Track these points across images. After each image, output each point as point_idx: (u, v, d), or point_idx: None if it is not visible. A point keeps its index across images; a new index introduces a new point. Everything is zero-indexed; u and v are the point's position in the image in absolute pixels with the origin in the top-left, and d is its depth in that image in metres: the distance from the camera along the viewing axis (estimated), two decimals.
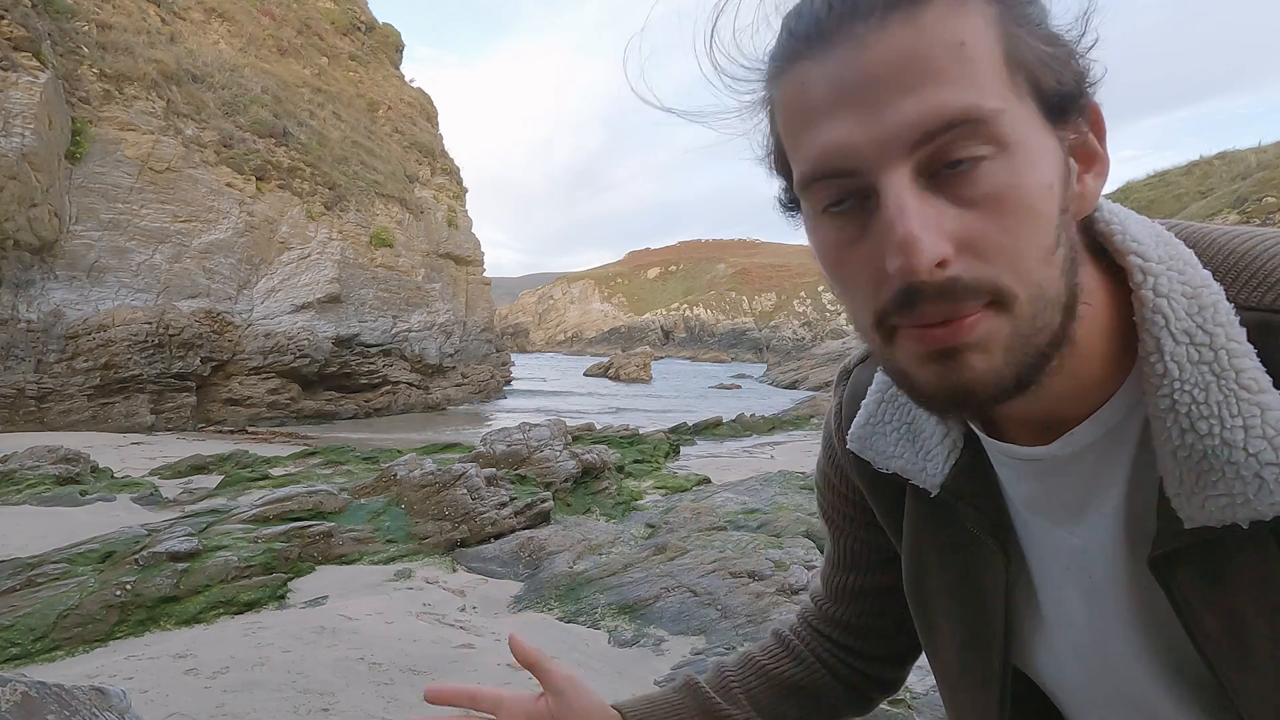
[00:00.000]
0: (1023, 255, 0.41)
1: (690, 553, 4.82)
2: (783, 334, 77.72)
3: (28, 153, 13.14)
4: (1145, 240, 0.47)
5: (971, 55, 0.40)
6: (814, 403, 20.84)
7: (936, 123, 0.40)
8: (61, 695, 1.52)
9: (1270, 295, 0.45)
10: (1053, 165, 0.42)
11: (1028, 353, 0.43)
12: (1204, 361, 0.44)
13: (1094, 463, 0.51)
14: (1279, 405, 0.43)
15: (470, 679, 3.11)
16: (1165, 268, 0.46)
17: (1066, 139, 0.44)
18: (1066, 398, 0.49)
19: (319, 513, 5.39)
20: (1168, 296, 0.45)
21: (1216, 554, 0.46)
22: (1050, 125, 0.43)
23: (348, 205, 20.28)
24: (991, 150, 0.40)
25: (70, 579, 4.01)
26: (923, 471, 0.59)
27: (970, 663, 0.62)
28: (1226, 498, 0.43)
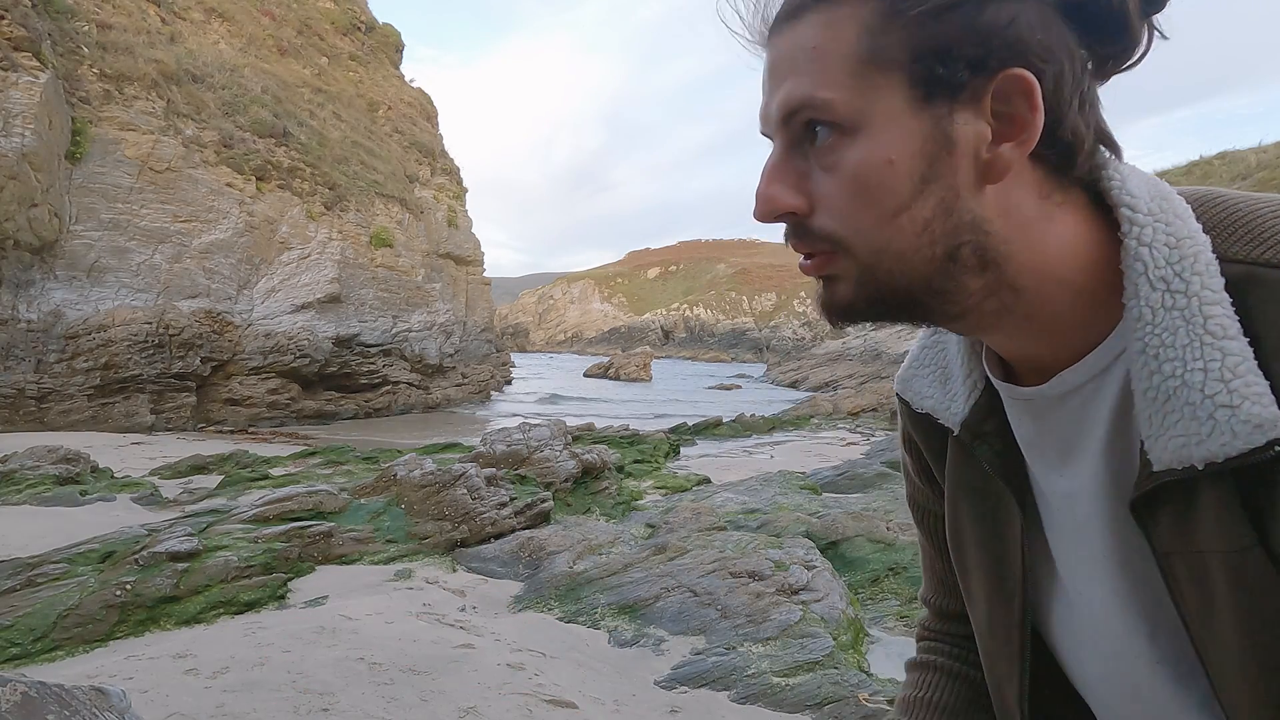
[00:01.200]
0: (857, 216, 0.50)
1: (690, 553, 4.82)
2: (783, 334, 77.69)
3: (28, 153, 13.14)
4: (1139, 194, 0.50)
5: (821, 55, 0.49)
6: (814, 402, 20.83)
7: (785, 108, 0.51)
8: (61, 695, 1.52)
9: (1258, 249, 0.47)
10: (902, 143, 0.48)
11: (877, 289, 0.52)
12: (1176, 308, 0.47)
13: (1081, 405, 0.54)
14: (1240, 352, 0.45)
15: (470, 679, 3.11)
16: (1153, 219, 0.49)
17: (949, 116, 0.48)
18: (1056, 339, 0.53)
19: (319, 513, 5.38)
20: (1150, 245, 0.49)
21: (1187, 499, 0.47)
22: (923, 107, 0.48)
23: (348, 205, 20.27)
24: (831, 130, 0.50)
25: (70, 579, 4.01)
26: (948, 410, 0.65)
27: (995, 614, 0.64)
28: (1183, 438, 0.46)
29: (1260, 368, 0.45)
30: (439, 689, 2.97)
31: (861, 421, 17.81)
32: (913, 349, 0.71)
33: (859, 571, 5.09)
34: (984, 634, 0.67)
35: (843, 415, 18.64)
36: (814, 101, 0.49)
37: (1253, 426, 0.44)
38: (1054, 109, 0.48)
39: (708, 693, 3.34)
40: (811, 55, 0.50)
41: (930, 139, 0.48)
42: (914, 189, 0.49)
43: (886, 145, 0.48)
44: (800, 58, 0.50)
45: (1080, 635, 0.59)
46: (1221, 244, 0.48)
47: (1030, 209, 0.50)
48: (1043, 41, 0.47)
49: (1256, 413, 0.44)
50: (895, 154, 0.48)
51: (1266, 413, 0.43)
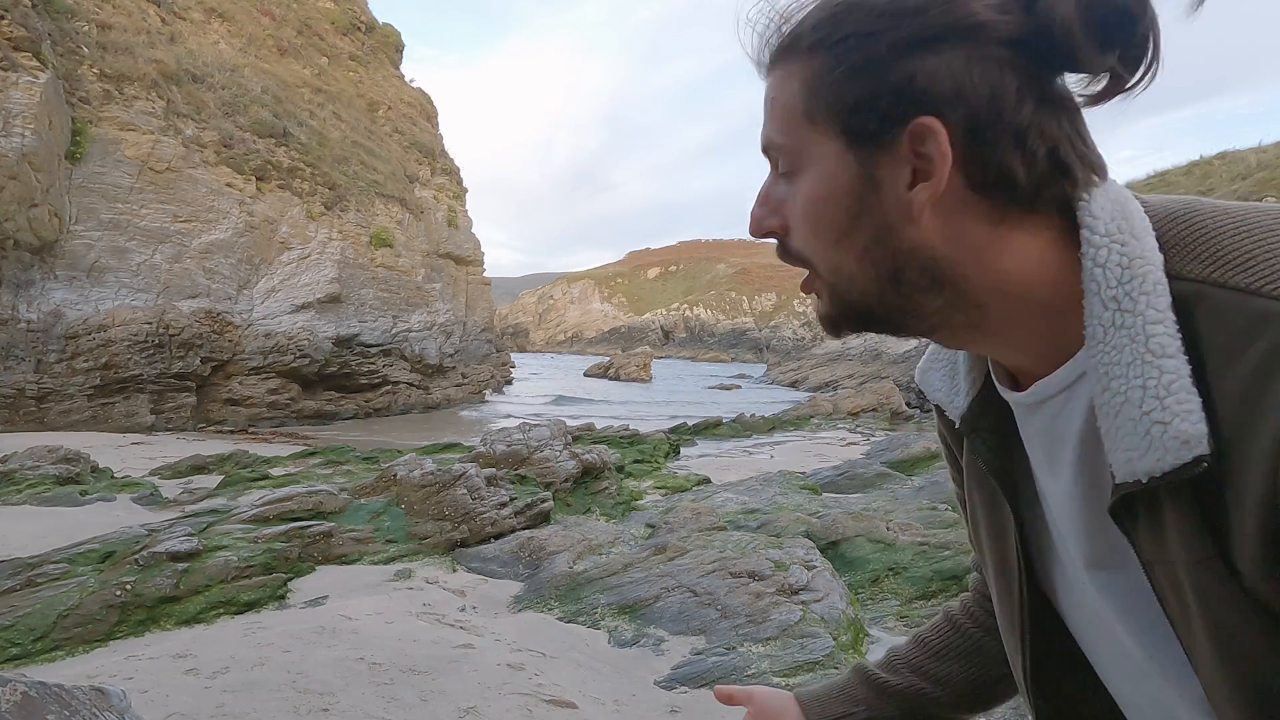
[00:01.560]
0: (811, 241, 0.58)
1: (690, 553, 4.82)
2: (783, 334, 77.70)
3: (28, 153, 13.14)
4: (1101, 215, 0.53)
5: (776, 106, 0.58)
6: (814, 402, 20.82)
7: (762, 144, 0.60)
8: (61, 695, 1.52)
9: (1209, 268, 0.49)
10: (836, 182, 0.55)
11: (839, 305, 0.59)
12: (1125, 326, 0.50)
13: (1054, 415, 0.57)
14: (1176, 370, 0.47)
15: (470, 679, 3.11)
16: (1109, 240, 0.52)
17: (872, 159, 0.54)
18: (1034, 351, 0.57)
19: (319, 513, 5.39)
20: (1104, 266, 0.51)
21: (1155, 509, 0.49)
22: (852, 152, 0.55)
23: (348, 205, 20.28)
24: (790, 169, 0.58)
25: (70, 579, 4.01)
26: (952, 403, 0.70)
27: (1002, 596, 0.69)
28: (1129, 453, 0.49)
29: (1200, 384, 0.47)
30: (439, 689, 2.97)
31: (861, 421, 17.81)
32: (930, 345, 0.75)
33: (859, 571, 5.09)
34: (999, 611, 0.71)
35: (843, 415, 18.64)
36: (773, 144, 0.58)
37: (1180, 443, 0.46)
38: (975, 148, 0.52)
39: (708, 693, 3.34)
40: (771, 104, 0.58)
41: (857, 179, 0.55)
42: (849, 221, 0.56)
43: (821, 184, 0.56)
44: (767, 104, 0.59)
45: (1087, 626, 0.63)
46: (1175, 262, 0.50)
47: (980, 235, 0.54)
48: (954, 89, 0.51)
49: (1185, 429, 0.46)
50: (828, 192, 0.56)
51: (1194, 430, 0.46)
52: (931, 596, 4.66)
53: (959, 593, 4.61)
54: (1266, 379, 0.43)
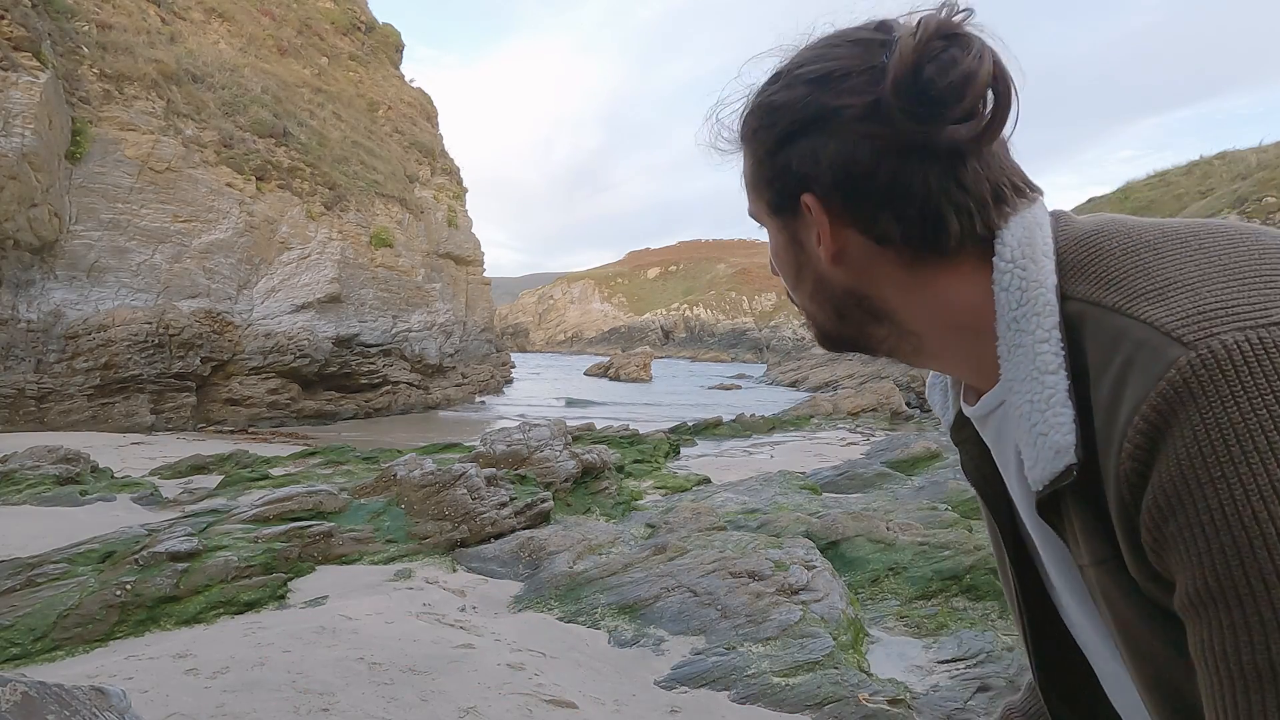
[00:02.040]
0: (787, 282, 0.68)
1: (690, 553, 4.82)
2: (783, 334, 77.68)
3: (28, 153, 13.14)
4: (1009, 242, 0.57)
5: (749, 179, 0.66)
6: (814, 402, 20.82)
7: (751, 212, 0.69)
8: (61, 695, 1.52)
9: (1093, 289, 0.52)
10: (778, 240, 0.66)
11: (818, 332, 0.69)
12: (1021, 345, 0.54)
13: (997, 425, 0.62)
14: (1055, 385, 0.51)
15: (470, 679, 3.11)
16: (1012, 266, 0.56)
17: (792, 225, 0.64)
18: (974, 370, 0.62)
19: (319, 513, 5.39)
20: (1006, 290, 0.56)
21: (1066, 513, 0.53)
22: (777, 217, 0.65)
23: (348, 205, 20.27)
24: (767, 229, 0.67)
25: (70, 579, 4.01)
26: (945, 417, 0.75)
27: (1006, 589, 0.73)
28: (1030, 462, 0.53)
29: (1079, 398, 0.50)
30: (439, 689, 2.97)
31: (861, 421, 17.80)
32: None
33: (859, 571, 5.09)
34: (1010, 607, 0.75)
35: (843, 415, 18.63)
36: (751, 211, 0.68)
37: (1054, 453, 0.50)
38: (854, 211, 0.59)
39: (708, 693, 3.34)
40: (749, 178, 0.66)
41: (789, 241, 0.65)
42: (795, 271, 0.66)
43: (772, 244, 0.68)
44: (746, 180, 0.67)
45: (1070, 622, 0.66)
46: (1069, 284, 0.54)
47: (901, 277, 0.61)
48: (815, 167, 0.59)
49: (1057, 440, 0.50)
50: (776, 249, 0.67)
51: (1064, 440, 0.49)
52: (931, 596, 4.66)
53: (959, 592, 4.62)
54: (1118, 392, 0.47)
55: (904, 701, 3.17)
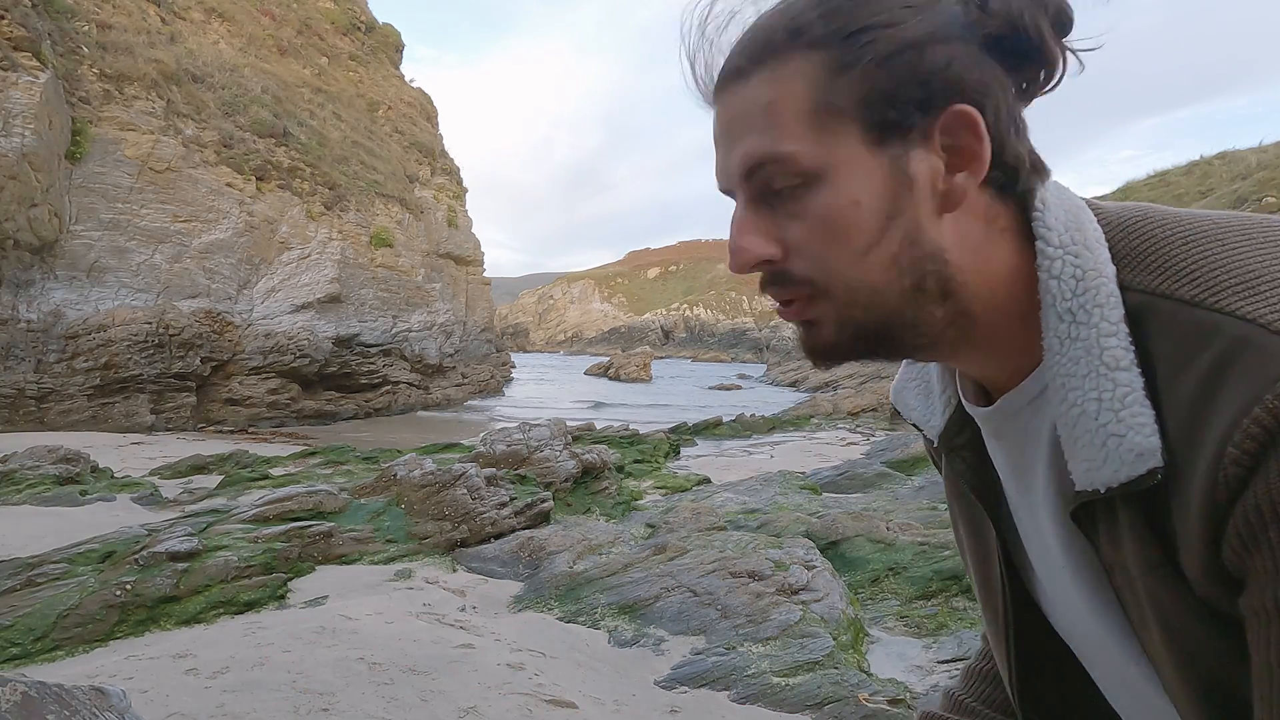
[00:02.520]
0: (832, 258, 0.53)
1: (690, 553, 4.82)
2: (783, 334, 77.62)
3: (28, 153, 13.14)
4: (1055, 225, 0.53)
5: (777, 110, 0.52)
6: (814, 402, 20.82)
7: (749, 163, 0.53)
8: (61, 695, 1.52)
9: (1157, 280, 0.49)
10: (866, 184, 0.52)
11: (855, 327, 0.55)
12: (1080, 339, 0.50)
13: (1023, 426, 0.58)
14: (1130, 383, 0.48)
15: (470, 679, 3.11)
16: (1063, 252, 0.52)
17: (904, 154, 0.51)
18: (999, 364, 0.57)
19: (319, 513, 5.38)
20: (1058, 278, 0.52)
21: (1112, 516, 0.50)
22: (879, 147, 0.51)
23: (348, 205, 20.28)
24: (798, 179, 0.52)
25: (70, 579, 4.01)
26: (929, 423, 0.69)
27: (986, 601, 0.69)
28: (1087, 463, 0.49)
29: (1151, 397, 0.47)
30: (439, 689, 2.97)
31: (861, 421, 17.80)
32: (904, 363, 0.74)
33: (859, 571, 5.09)
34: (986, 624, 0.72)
35: (843, 415, 18.63)
36: (777, 156, 0.52)
37: (1135, 455, 0.47)
38: (998, 137, 0.51)
39: (708, 693, 3.34)
40: (767, 111, 0.53)
41: (890, 177, 0.52)
42: (880, 225, 0.52)
43: (851, 188, 0.52)
44: (755, 115, 0.53)
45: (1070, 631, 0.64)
46: (1127, 274, 0.51)
47: (978, 235, 0.53)
48: (979, 77, 0.51)
49: (1139, 442, 0.47)
50: (860, 195, 0.52)
51: (1147, 443, 0.46)
52: (931, 596, 4.66)
53: (959, 592, 4.62)
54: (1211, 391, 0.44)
55: (904, 701, 3.17)
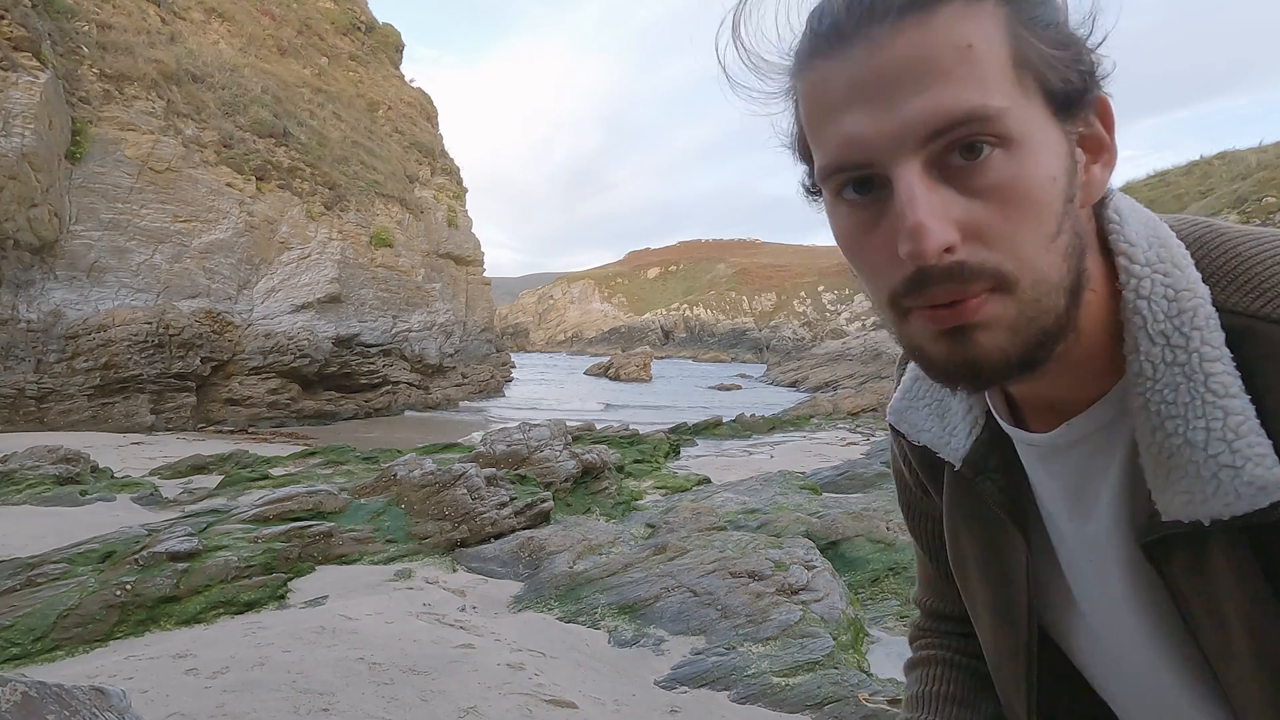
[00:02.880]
0: (1024, 242, 0.44)
1: (690, 553, 4.82)
2: (783, 334, 77.67)
3: (28, 153, 13.13)
4: (1138, 240, 0.49)
5: (979, 56, 0.42)
6: (814, 402, 20.82)
7: (943, 120, 0.43)
8: (61, 695, 1.52)
9: (1257, 302, 0.46)
10: (1056, 158, 0.45)
11: (1032, 332, 0.45)
12: (1177, 363, 0.46)
13: (1090, 453, 0.53)
14: (1242, 411, 0.44)
15: (470, 679, 3.11)
16: (1150, 270, 0.48)
17: (1073, 132, 0.46)
18: (1070, 385, 0.52)
19: (319, 513, 5.38)
20: (1149, 298, 0.47)
21: (1200, 544, 0.47)
22: (1057, 120, 0.45)
23: (348, 205, 20.27)
24: (997, 145, 0.43)
25: (70, 579, 4.01)
26: (947, 445, 0.63)
27: (1001, 635, 0.64)
28: (1187, 495, 0.45)
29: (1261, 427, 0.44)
30: (439, 689, 2.97)
31: (861, 421, 17.80)
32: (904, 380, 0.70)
33: (859, 571, 5.09)
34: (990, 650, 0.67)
35: (843, 415, 18.63)
36: (987, 112, 0.42)
37: (1256, 489, 0.43)
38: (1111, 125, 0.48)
39: (708, 693, 3.34)
40: (967, 56, 0.42)
41: (1069, 154, 0.46)
42: (1065, 209, 0.45)
43: (1048, 160, 0.44)
44: (949, 58, 0.42)
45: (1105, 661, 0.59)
46: (1221, 295, 0.47)
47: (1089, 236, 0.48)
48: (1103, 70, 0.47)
49: (1260, 475, 0.43)
50: (1056, 170, 0.45)
51: (1270, 475, 0.43)
52: None
53: None
54: None
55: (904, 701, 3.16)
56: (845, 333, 56.41)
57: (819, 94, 0.47)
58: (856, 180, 0.46)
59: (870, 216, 0.47)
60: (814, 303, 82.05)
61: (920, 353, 0.48)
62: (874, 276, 0.48)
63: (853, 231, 0.48)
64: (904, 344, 0.50)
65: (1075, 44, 0.45)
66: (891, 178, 0.44)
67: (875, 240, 0.46)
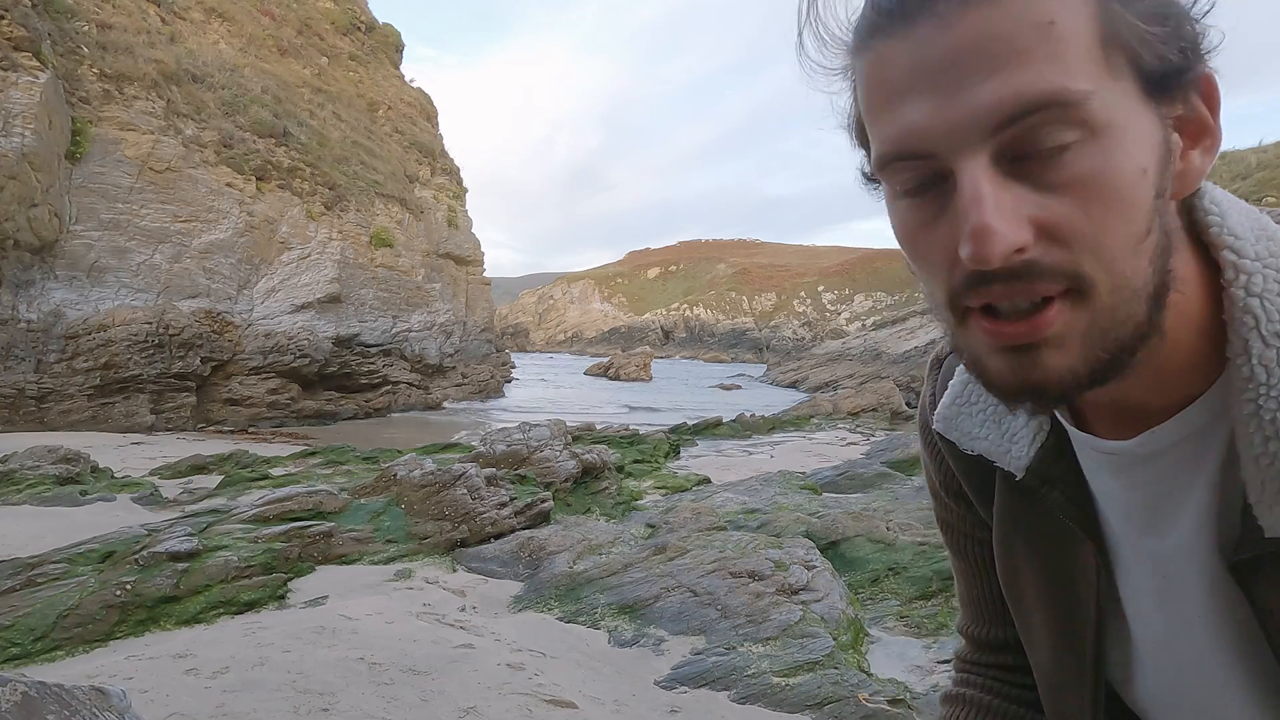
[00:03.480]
0: (1108, 243, 0.39)
1: (690, 553, 4.82)
2: (783, 334, 77.72)
3: (28, 153, 13.13)
4: (1244, 234, 0.44)
5: (1061, 34, 0.38)
6: (814, 402, 20.83)
7: (1019, 106, 0.38)
8: (61, 695, 1.52)
9: None
10: (1149, 147, 0.40)
11: (1106, 347, 0.41)
12: None
13: (1175, 463, 0.48)
14: None
15: (470, 679, 3.11)
16: (1262, 265, 0.43)
17: (1170, 116, 0.41)
18: (1152, 390, 0.47)
19: (319, 513, 5.38)
20: (1261, 296, 0.43)
21: None
22: (1151, 103, 0.40)
23: (348, 205, 20.28)
24: (1080, 134, 0.39)
25: (70, 579, 4.01)
26: (1008, 454, 0.58)
27: (1062, 657, 0.60)
28: None
29: None
30: (439, 689, 2.97)
31: (861, 421, 17.80)
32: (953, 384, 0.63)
33: (859, 571, 5.09)
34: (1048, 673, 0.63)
35: (843, 415, 18.63)
36: (1069, 96, 0.38)
37: None
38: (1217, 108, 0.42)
39: (708, 693, 3.34)
40: (1050, 34, 0.38)
41: (1163, 144, 0.41)
42: (1155, 205, 0.41)
43: (1139, 150, 0.40)
44: (1028, 36, 0.38)
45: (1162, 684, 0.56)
46: None
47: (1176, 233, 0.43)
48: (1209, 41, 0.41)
49: None
50: (1147, 161, 0.40)
51: None
52: (931, 596, 4.66)
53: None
54: None
55: (904, 701, 3.17)
56: (845, 333, 56.43)
57: (879, 76, 0.43)
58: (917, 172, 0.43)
59: (932, 211, 0.43)
60: (814, 303, 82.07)
61: (978, 365, 0.45)
62: (933, 274, 0.44)
63: (912, 227, 0.44)
64: (960, 349, 0.46)
65: (1175, 14, 0.40)
66: (956, 171, 0.40)
67: (936, 237, 0.42)
